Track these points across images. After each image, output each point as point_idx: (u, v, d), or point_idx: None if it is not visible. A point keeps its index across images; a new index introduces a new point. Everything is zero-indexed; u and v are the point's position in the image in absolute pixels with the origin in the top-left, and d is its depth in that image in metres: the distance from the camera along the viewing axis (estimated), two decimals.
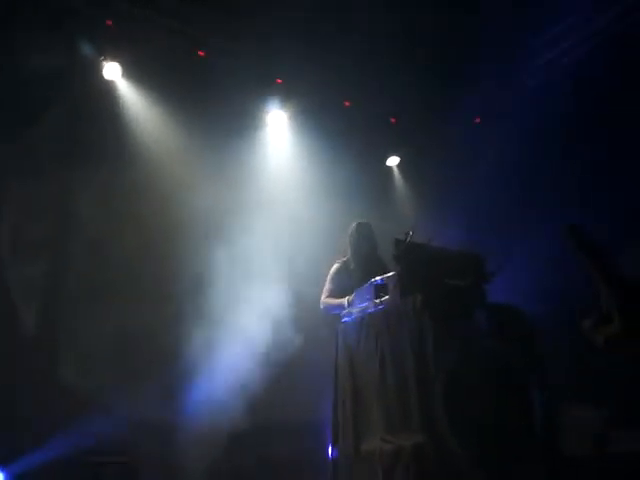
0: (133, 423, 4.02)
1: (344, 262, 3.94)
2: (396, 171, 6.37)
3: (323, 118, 5.45)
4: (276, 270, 4.80)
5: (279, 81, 5.21)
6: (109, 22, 4.38)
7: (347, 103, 5.59)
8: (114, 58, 4.57)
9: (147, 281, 4.52)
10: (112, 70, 4.59)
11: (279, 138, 5.52)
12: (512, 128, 5.19)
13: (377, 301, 3.20)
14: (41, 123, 4.25)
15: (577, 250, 0.81)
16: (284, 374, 4.61)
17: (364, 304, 3.31)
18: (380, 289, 3.21)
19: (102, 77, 4.59)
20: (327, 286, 3.86)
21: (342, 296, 3.64)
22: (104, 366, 4.14)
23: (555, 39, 5.11)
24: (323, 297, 3.83)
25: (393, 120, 5.97)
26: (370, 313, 3.23)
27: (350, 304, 3.48)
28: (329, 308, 3.77)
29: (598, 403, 4.55)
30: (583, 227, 0.82)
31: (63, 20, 4.22)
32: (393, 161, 6.29)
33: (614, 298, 0.78)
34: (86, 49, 4.38)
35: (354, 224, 4.00)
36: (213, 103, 4.93)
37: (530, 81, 5.40)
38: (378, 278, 3.26)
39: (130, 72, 4.70)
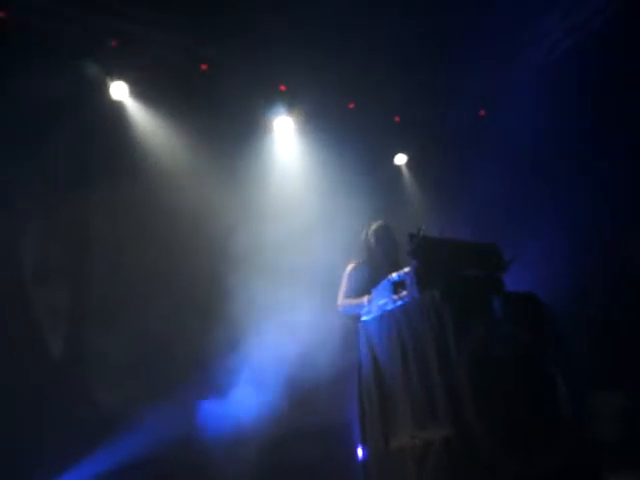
0: (163, 438, 4.04)
1: (360, 263, 3.89)
2: (405, 169, 6.38)
3: (329, 120, 5.49)
4: (298, 274, 4.83)
5: (283, 88, 5.26)
6: (114, 43, 4.46)
7: (351, 105, 5.62)
8: (120, 77, 4.65)
9: (170, 296, 4.55)
10: (119, 89, 4.67)
11: (287, 143, 5.56)
12: (520, 118, 5.13)
13: (396, 297, 3.21)
14: (54, 147, 4.33)
15: None
16: (310, 378, 4.61)
17: (383, 301, 3.32)
18: (398, 285, 3.22)
19: (110, 97, 4.67)
20: (343, 287, 3.81)
21: (358, 297, 3.62)
22: (132, 382, 4.17)
23: (563, 17, 5.02)
24: (340, 298, 3.79)
25: (397, 119, 5.98)
26: (390, 310, 3.24)
27: (369, 302, 3.48)
28: (348, 309, 3.71)
29: (625, 388, 4.50)
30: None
31: (67, 43, 4.30)
32: (401, 159, 6.31)
33: None
34: (92, 71, 4.46)
35: (374, 225, 3.91)
36: (220, 115, 4.99)
37: (537, 68, 5.28)
38: (394, 274, 3.27)
39: (136, 90, 4.78)
